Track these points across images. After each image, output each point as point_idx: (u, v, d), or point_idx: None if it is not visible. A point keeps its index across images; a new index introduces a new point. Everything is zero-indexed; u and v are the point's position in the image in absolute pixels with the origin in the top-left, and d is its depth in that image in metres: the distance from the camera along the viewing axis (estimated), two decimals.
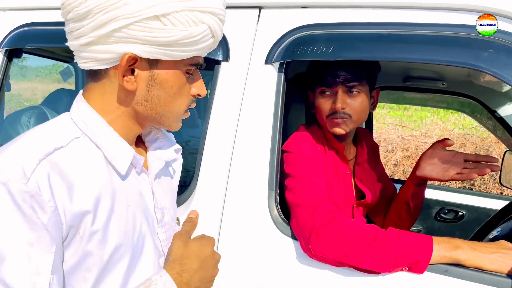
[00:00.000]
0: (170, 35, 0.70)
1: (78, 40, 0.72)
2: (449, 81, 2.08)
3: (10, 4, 1.77)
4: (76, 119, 0.75)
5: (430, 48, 1.08)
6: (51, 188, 0.65)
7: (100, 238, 0.71)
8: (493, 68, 1.03)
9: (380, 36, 1.13)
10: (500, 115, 2.14)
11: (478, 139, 5.69)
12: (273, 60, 1.23)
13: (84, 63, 0.74)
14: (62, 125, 0.75)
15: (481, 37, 1.05)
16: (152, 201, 0.84)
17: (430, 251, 1.02)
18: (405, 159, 5.62)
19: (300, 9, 1.25)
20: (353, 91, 1.30)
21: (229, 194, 1.22)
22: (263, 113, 1.23)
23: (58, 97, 2.12)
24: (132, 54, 0.70)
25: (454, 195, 2.57)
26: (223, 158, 1.25)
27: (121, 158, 0.76)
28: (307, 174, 1.21)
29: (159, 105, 0.77)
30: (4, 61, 1.69)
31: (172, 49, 0.72)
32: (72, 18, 0.70)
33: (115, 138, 0.76)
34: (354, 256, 1.05)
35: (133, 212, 0.78)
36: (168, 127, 0.83)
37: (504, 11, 1.06)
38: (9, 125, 1.86)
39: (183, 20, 0.70)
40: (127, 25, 0.68)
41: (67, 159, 0.69)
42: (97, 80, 0.76)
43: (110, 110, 0.76)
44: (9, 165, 0.63)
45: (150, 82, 0.75)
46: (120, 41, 0.70)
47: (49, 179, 0.65)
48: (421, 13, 1.12)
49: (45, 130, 0.73)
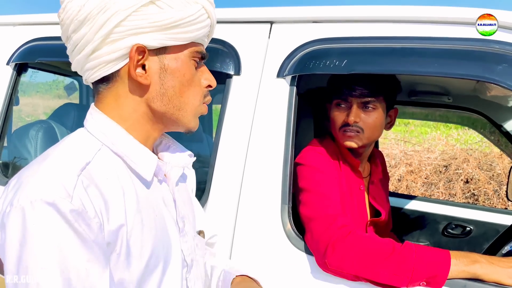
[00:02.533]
0: (168, 16, 0.71)
1: (83, 51, 0.72)
2: (454, 96, 2.09)
3: (20, 19, 1.79)
4: (94, 131, 0.75)
5: (443, 62, 1.08)
6: (93, 204, 0.64)
7: (135, 253, 0.70)
8: (506, 81, 1.03)
9: (392, 50, 1.13)
10: (506, 130, 2.14)
11: (481, 154, 5.69)
12: (285, 74, 1.23)
13: (94, 72, 0.73)
14: (82, 140, 0.74)
15: (496, 50, 1.05)
16: (174, 210, 0.83)
17: (448, 265, 1.01)
18: (408, 174, 5.61)
19: (311, 24, 1.26)
20: (368, 106, 1.30)
21: (242, 208, 1.22)
22: (275, 126, 1.23)
23: (65, 111, 2.12)
24: (139, 45, 0.71)
25: (460, 210, 2.55)
26: (235, 171, 1.24)
27: (145, 165, 0.76)
28: (321, 187, 1.20)
29: (175, 96, 0.77)
30: (14, 76, 1.70)
31: (175, 32, 0.73)
32: (73, 30, 0.71)
33: (137, 146, 0.76)
34: (371, 270, 1.03)
35: (160, 222, 0.77)
36: (187, 124, 0.81)
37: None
38: (17, 139, 1.85)
39: (178, 1, 0.73)
40: (126, 17, 0.69)
41: (97, 173, 0.69)
42: (109, 85, 0.75)
43: (127, 116, 0.76)
44: (49, 185, 0.62)
45: (163, 74, 0.75)
46: (123, 35, 0.70)
47: (89, 195, 0.64)
48: (433, 27, 1.13)
49: (69, 146, 0.72)
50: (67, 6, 0.71)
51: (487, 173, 5.28)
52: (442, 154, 5.81)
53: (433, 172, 5.55)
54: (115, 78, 0.74)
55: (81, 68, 0.75)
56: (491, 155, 5.48)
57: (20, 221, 0.60)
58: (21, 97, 1.92)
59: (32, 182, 0.62)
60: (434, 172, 5.55)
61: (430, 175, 5.51)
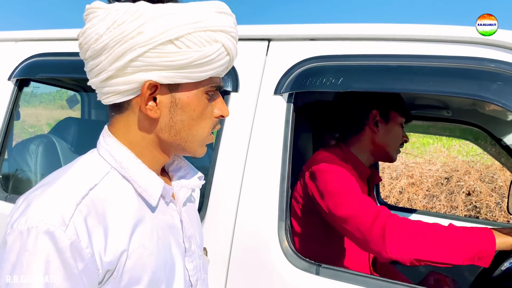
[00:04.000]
0: (185, 57, 0.70)
1: (98, 76, 0.73)
2: (454, 110, 2.10)
3: (22, 35, 1.81)
4: (104, 153, 0.76)
5: (438, 80, 1.09)
6: (88, 234, 0.65)
7: (134, 277, 0.71)
8: (501, 99, 1.04)
9: (388, 68, 1.14)
10: (505, 143, 2.14)
11: (482, 166, 5.67)
12: (282, 91, 1.24)
13: (107, 98, 0.74)
14: (92, 162, 0.75)
15: (491, 69, 1.06)
16: (181, 231, 0.84)
17: (493, 239, 1.06)
18: (409, 187, 5.59)
19: (308, 41, 1.28)
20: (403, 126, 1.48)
21: (239, 224, 1.22)
22: (272, 143, 1.23)
23: (66, 125, 2.13)
24: (152, 81, 0.71)
25: (462, 224, 2.54)
26: (232, 187, 1.24)
27: (151, 190, 0.76)
28: (350, 187, 1.26)
29: (183, 129, 0.77)
30: (15, 91, 1.71)
31: (190, 71, 0.72)
32: (90, 56, 0.72)
33: (144, 170, 0.77)
34: (429, 252, 1.08)
35: (163, 245, 0.78)
36: (193, 153, 0.82)
37: (509, 44, 1.08)
38: (17, 153, 1.86)
39: (197, 41, 0.71)
40: (143, 53, 0.69)
41: (101, 198, 0.70)
42: (121, 113, 0.76)
43: (136, 142, 0.77)
44: (47, 212, 0.64)
45: (173, 108, 0.75)
46: (138, 70, 0.71)
47: (86, 225, 0.66)
48: (429, 45, 1.14)
49: (78, 169, 0.73)
50: (86, 32, 0.71)
51: (489, 186, 5.26)
52: (443, 166, 5.80)
53: (435, 184, 5.53)
54: (126, 106, 0.75)
55: (96, 89, 0.77)
56: (493, 167, 5.47)
57: (17, 245, 0.63)
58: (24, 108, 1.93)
59: (33, 207, 0.65)
60: (435, 184, 5.53)
61: (431, 187, 5.49)
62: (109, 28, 0.69)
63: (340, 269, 1.13)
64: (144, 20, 0.69)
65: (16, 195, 1.63)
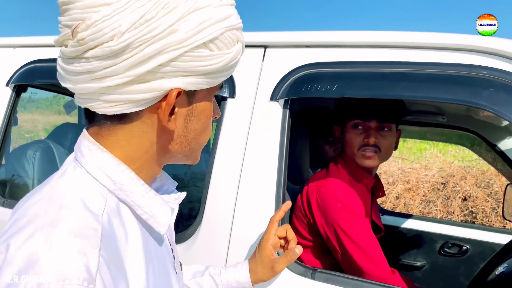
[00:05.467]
0: (218, 61, 0.61)
1: (103, 81, 0.57)
2: (449, 116, 2.12)
3: (19, 41, 1.82)
4: (96, 173, 0.61)
5: (431, 87, 1.11)
6: (114, 285, 0.53)
7: None
8: (493, 106, 1.06)
9: (382, 75, 1.16)
10: (500, 149, 2.16)
11: (478, 172, 5.70)
12: (278, 97, 1.26)
13: (108, 107, 0.59)
14: (83, 185, 0.60)
15: (484, 76, 1.08)
16: (172, 255, 0.77)
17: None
18: (406, 192, 5.61)
19: (304, 48, 1.29)
20: (384, 128, 1.39)
21: (235, 228, 1.23)
22: (268, 148, 1.25)
23: (63, 131, 2.14)
24: (180, 89, 0.60)
25: (457, 229, 2.55)
26: (229, 192, 1.25)
27: (160, 217, 0.65)
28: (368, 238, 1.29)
29: (194, 139, 0.68)
30: (13, 97, 1.72)
31: (215, 76, 0.63)
32: (97, 56, 0.55)
33: (149, 193, 0.65)
34: None
35: (164, 272, 0.71)
36: (194, 161, 0.73)
37: (502, 51, 1.09)
38: (14, 159, 1.87)
39: (226, 42, 0.62)
40: (177, 57, 0.57)
41: (109, 235, 0.56)
42: (123, 124, 0.62)
43: (137, 158, 0.64)
44: (67, 267, 0.49)
45: (189, 116, 0.65)
46: (164, 76, 0.58)
47: (111, 275, 0.53)
48: (423, 53, 1.16)
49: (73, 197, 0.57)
50: (96, 25, 0.54)
51: (485, 191, 5.28)
52: (439, 172, 5.83)
53: (431, 189, 5.56)
54: (134, 117, 0.62)
55: (86, 94, 0.60)
56: (489, 173, 5.50)
57: None
58: (21, 114, 1.94)
59: (44, 263, 0.48)
60: (432, 189, 5.56)
61: (428, 193, 5.52)
62: (135, 24, 0.54)
63: (336, 273, 1.14)
64: (179, 14, 0.56)
65: (14, 200, 1.63)
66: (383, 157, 1.42)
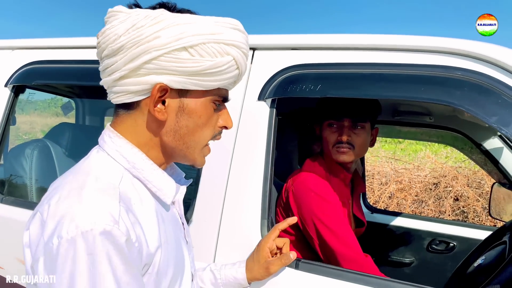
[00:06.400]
0: (197, 64, 0.74)
1: (111, 75, 0.76)
2: (436, 116, 2.17)
3: (18, 43, 1.88)
4: (115, 155, 0.78)
5: (409, 87, 1.17)
6: (134, 229, 0.68)
7: (163, 271, 0.76)
8: (466, 105, 1.12)
9: (363, 75, 1.22)
10: (485, 148, 2.22)
11: (470, 172, 5.78)
12: (266, 97, 1.32)
13: (117, 97, 0.77)
14: (105, 164, 0.77)
15: (458, 77, 1.14)
16: (182, 227, 0.92)
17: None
18: (398, 192, 5.67)
19: (290, 51, 1.36)
20: (357, 126, 1.46)
21: (224, 222, 1.28)
22: (256, 145, 1.31)
23: (60, 130, 2.18)
24: (163, 84, 0.74)
25: (447, 227, 2.61)
26: (218, 188, 1.31)
27: (166, 190, 0.81)
28: (337, 221, 1.36)
29: (187, 135, 0.80)
30: (11, 97, 1.78)
31: (200, 79, 0.76)
32: (107, 55, 0.75)
33: (157, 171, 0.80)
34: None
35: (176, 240, 0.84)
36: (193, 161, 0.85)
37: (477, 54, 1.15)
38: (13, 157, 1.92)
39: (210, 51, 0.74)
40: (157, 56, 0.72)
41: (127, 199, 0.73)
42: (130, 112, 0.79)
43: (144, 142, 0.80)
44: (97, 214, 0.64)
45: (180, 112, 0.78)
46: (150, 72, 0.73)
47: (130, 221, 0.68)
48: (401, 55, 1.22)
49: (97, 170, 0.74)
50: (105, 32, 0.74)
51: (476, 191, 5.36)
52: (432, 172, 5.89)
53: (423, 189, 5.62)
54: (136, 107, 0.78)
55: (107, 88, 0.79)
56: (480, 173, 5.57)
57: (76, 253, 0.62)
58: (19, 115, 1.99)
59: (79, 212, 0.64)
60: (424, 189, 5.63)
61: (420, 193, 5.58)
62: (128, 30, 0.72)
63: (319, 263, 1.20)
64: (162, 26, 0.72)
65: (11, 197, 1.68)
66: (357, 153, 1.49)
